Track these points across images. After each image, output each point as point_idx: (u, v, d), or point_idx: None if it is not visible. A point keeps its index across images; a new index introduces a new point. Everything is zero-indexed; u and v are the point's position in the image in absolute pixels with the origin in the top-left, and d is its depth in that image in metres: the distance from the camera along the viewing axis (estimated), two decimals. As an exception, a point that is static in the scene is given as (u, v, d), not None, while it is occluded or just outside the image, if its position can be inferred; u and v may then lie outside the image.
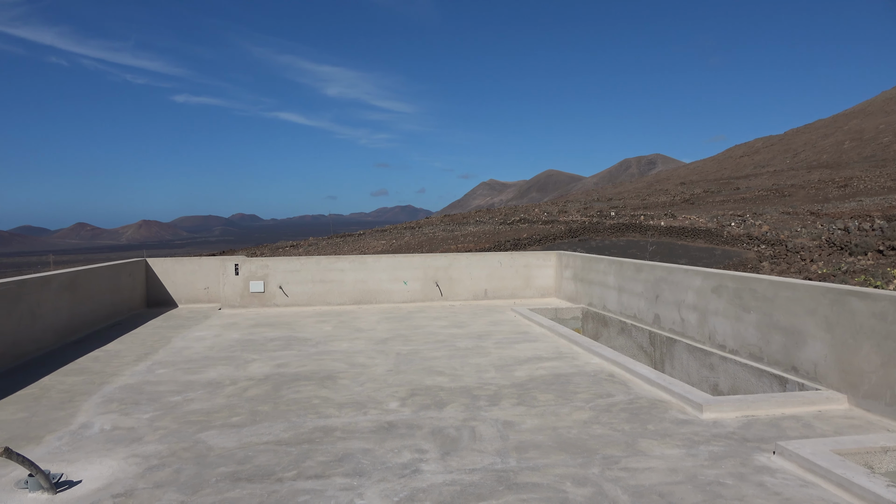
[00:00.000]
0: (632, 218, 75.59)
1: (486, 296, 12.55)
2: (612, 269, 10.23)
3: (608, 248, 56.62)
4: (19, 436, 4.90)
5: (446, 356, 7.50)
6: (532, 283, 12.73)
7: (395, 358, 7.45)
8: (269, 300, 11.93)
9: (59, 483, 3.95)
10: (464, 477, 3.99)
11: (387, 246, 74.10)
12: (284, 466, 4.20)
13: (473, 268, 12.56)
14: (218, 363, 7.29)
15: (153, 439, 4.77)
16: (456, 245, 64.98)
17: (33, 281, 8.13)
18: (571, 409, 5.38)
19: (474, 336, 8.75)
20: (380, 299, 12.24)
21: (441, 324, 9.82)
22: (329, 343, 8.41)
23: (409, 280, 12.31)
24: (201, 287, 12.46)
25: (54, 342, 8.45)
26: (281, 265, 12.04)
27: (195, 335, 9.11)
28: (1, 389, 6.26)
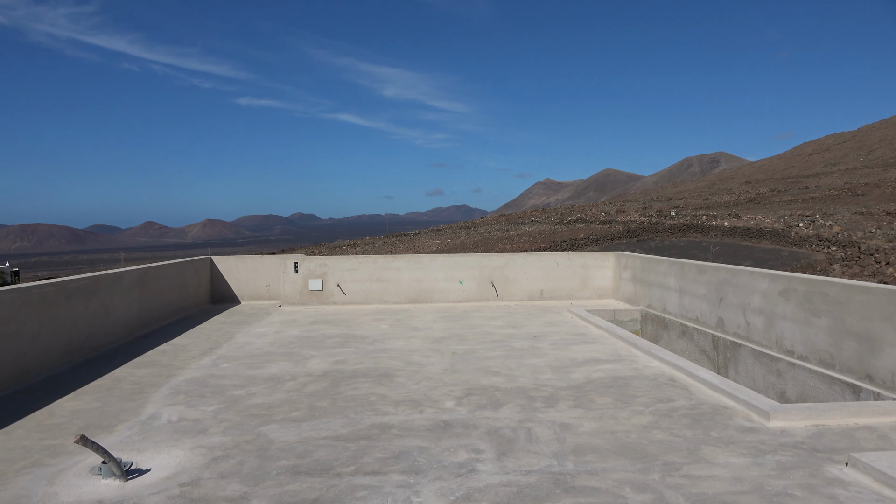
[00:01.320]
0: (693, 218, 73.53)
1: (543, 296, 12.43)
2: (672, 271, 9.97)
3: (668, 248, 55.26)
4: (93, 424, 5.14)
5: (502, 356, 7.47)
6: (589, 283, 12.54)
7: (450, 357, 7.47)
8: (328, 298, 12.15)
9: (130, 471, 4.12)
10: (520, 478, 3.96)
11: (442, 245, 74.40)
12: (343, 462, 4.27)
13: (529, 268, 12.47)
14: (278, 359, 7.46)
15: (217, 431, 4.92)
16: (511, 245, 64.67)
17: (106, 277, 8.52)
18: (630, 413, 5.27)
19: (530, 337, 8.68)
20: (435, 298, 12.29)
21: (497, 324, 9.78)
22: (385, 341, 8.50)
23: (464, 279, 12.32)
24: (263, 284, 12.79)
25: (125, 336, 8.83)
26: (339, 264, 12.24)
27: (257, 331, 9.37)
28: (77, 380, 6.59)
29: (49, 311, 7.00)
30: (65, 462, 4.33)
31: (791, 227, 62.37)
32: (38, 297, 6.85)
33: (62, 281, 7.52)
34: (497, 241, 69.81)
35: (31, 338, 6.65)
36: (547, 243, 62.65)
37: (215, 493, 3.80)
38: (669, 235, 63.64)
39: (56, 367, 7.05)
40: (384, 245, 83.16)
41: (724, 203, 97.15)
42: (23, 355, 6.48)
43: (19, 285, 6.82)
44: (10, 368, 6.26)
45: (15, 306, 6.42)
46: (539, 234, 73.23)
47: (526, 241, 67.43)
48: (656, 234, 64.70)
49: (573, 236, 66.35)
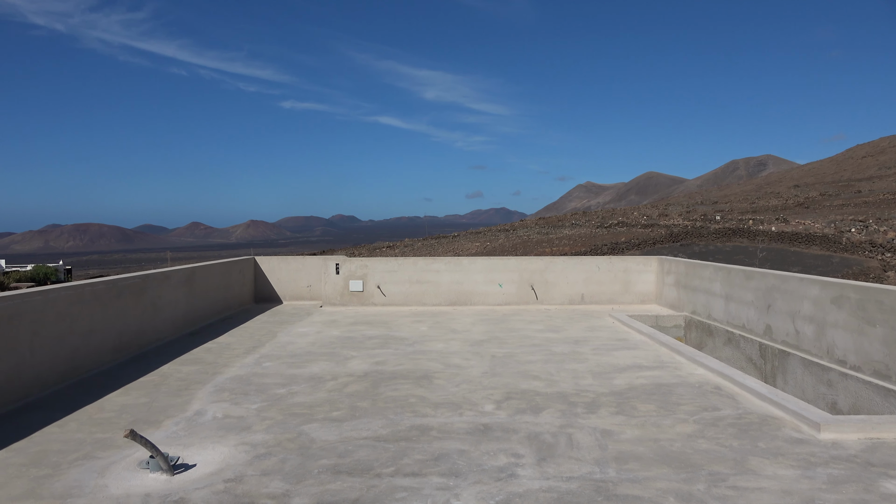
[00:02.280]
0: (739, 222, 71.79)
1: (583, 300, 12.29)
2: (718, 276, 9.75)
3: (713, 253, 54.06)
4: (141, 419, 5.28)
5: (542, 361, 7.41)
6: (631, 288, 12.35)
7: (490, 360, 7.44)
8: (368, 299, 12.24)
9: (176, 466, 4.22)
10: (561, 485, 3.92)
11: (481, 248, 74.30)
12: (383, 462, 4.29)
13: (570, 271, 12.35)
14: (320, 358, 7.55)
15: (260, 429, 5.00)
16: (551, 248, 64.20)
17: (155, 276, 8.76)
18: (674, 422, 5.16)
19: (571, 341, 8.59)
20: (475, 301, 12.27)
21: (536, 328, 9.71)
22: (425, 343, 8.52)
23: (504, 283, 12.27)
24: (304, 285, 12.98)
25: (172, 333, 9.06)
26: (379, 265, 12.33)
27: (298, 331, 9.50)
28: (126, 375, 6.78)
29: (101, 308, 7.23)
30: (114, 455, 4.46)
31: (842, 233, 60.31)
32: (91, 294, 7.08)
33: (113, 279, 7.76)
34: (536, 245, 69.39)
35: (84, 334, 6.87)
36: (587, 247, 61.98)
37: (258, 489, 3.86)
38: (714, 240, 62.25)
39: (107, 362, 7.28)
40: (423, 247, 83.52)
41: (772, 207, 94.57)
42: (76, 350, 6.71)
43: (73, 283, 7.06)
44: (64, 363, 6.49)
45: (69, 303, 6.65)
46: (579, 237, 72.51)
47: (566, 244, 66.84)
48: (700, 238, 63.38)
49: (614, 240, 65.48)
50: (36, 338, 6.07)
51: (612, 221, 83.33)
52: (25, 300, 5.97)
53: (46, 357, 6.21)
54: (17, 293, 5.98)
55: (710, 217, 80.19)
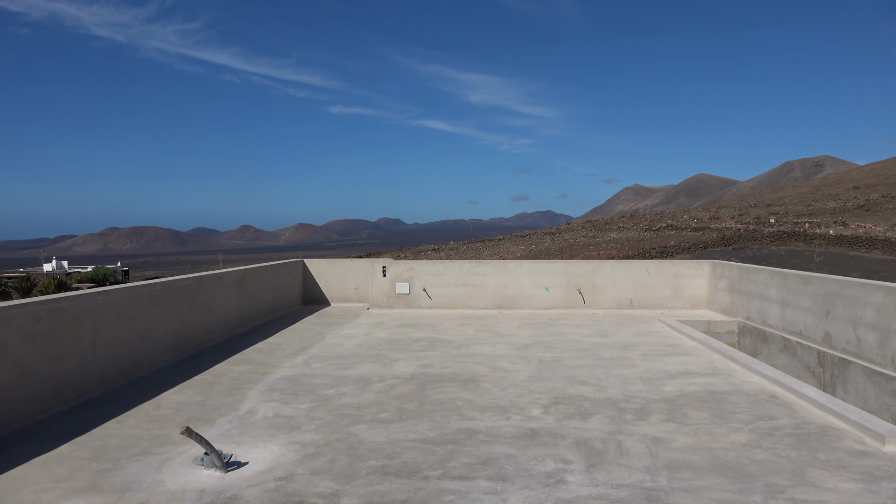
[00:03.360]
0: (795, 225, 69.45)
1: (632, 305, 12.08)
2: (774, 281, 9.44)
3: (767, 257, 52.44)
4: (196, 417, 5.43)
5: (590, 365, 7.31)
6: (682, 293, 12.08)
7: (536, 364, 7.38)
8: (414, 302, 12.31)
9: (230, 463, 4.32)
10: (611, 492, 3.85)
11: (526, 251, 73.87)
12: (430, 465, 4.30)
13: (618, 275, 12.15)
14: (367, 360, 7.63)
15: (310, 429, 5.08)
16: (597, 252, 63.37)
17: (208, 278, 9.00)
18: (728, 430, 5.02)
19: (619, 346, 8.45)
20: (521, 304, 12.20)
21: (584, 332, 9.59)
22: (471, 346, 8.51)
23: (550, 286, 12.16)
24: (351, 287, 13.13)
25: (224, 333, 9.29)
26: (425, 268, 12.38)
27: (346, 332, 9.61)
28: (182, 374, 6.98)
29: (157, 308, 7.47)
30: (170, 451, 4.59)
31: (906, 236, 57.71)
32: (149, 295, 7.32)
33: (169, 281, 8.01)
34: (583, 248, 68.60)
35: (142, 333, 7.11)
36: (635, 250, 60.94)
37: (308, 488, 3.92)
38: (768, 244, 60.40)
39: (163, 361, 7.51)
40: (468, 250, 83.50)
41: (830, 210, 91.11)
42: (135, 349, 6.94)
43: (132, 284, 7.32)
44: (124, 361, 6.73)
45: (128, 303, 6.89)
46: (627, 240, 71.36)
47: (613, 247, 65.87)
48: (754, 242, 61.58)
49: (663, 244, 64.20)
50: (98, 336, 6.31)
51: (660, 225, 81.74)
52: (88, 300, 6.22)
53: (107, 355, 6.45)
54: (81, 293, 6.23)
55: (764, 220, 77.82)
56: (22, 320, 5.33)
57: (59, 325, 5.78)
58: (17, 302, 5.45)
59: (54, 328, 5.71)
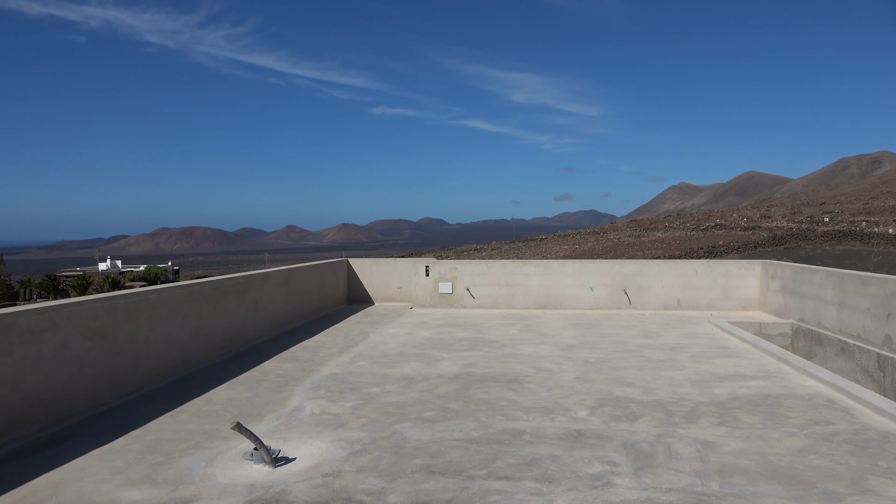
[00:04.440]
0: (851, 224, 66.95)
1: (679, 306, 11.83)
2: (830, 282, 9.12)
3: (821, 257, 50.71)
4: (245, 413, 5.54)
5: (636, 367, 7.18)
6: (732, 294, 11.77)
7: (582, 365, 7.29)
8: (457, 301, 12.31)
9: (278, 458, 4.39)
10: (660, 496, 3.78)
11: (569, 251, 73.14)
12: (475, 465, 4.29)
13: (665, 276, 11.92)
14: (410, 359, 7.66)
15: (356, 426, 5.13)
16: (643, 251, 62.31)
17: (256, 277, 9.19)
18: (782, 435, 4.86)
19: (667, 348, 8.28)
20: (565, 305, 12.08)
21: (630, 333, 9.43)
22: (515, 346, 8.46)
23: (595, 286, 12.01)
24: (395, 287, 13.22)
25: (271, 331, 9.46)
26: (468, 268, 12.37)
27: (390, 332, 9.68)
28: (231, 370, 7.14)
29: (208, 306, 7.65)
30: (221, 446, 4.70)
31: (972, 236, 55.04)
32: (199, 293, 7.51)
33: (219, 279, 8.20)
34: (627, 248, 67.55)
35: (193, 330, 7.30)
36: (682, 250, 59.71)
37: (354, 485, 3.96)
38: (822, 243, 58.40)
39: (213, 357, 7.69)
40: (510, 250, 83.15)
41: (889, 208, 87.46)
42: (186, 346, 7.13)
43: (183, 282, 7.52)
44: (176, 357, 6.92)
45: (180, 301, 7.08)
46: (673, 240, 69.97)
47: (659, 247, 64.66)
48: (807, 241, 59.62)
49: (711, 243, 62.72)
50: (151, 333, 6.50)
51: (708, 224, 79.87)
52: (142, 298, 6.41)
53: (160, 351, 6.64)
54: (136, 291, 6.43)
55: (818, 219, 75.25)
56: (81, 317, 5.54)
57: (116, 321, 5.98)
58: (76, 299, 5.66)
59: (111, 325, 5.91)
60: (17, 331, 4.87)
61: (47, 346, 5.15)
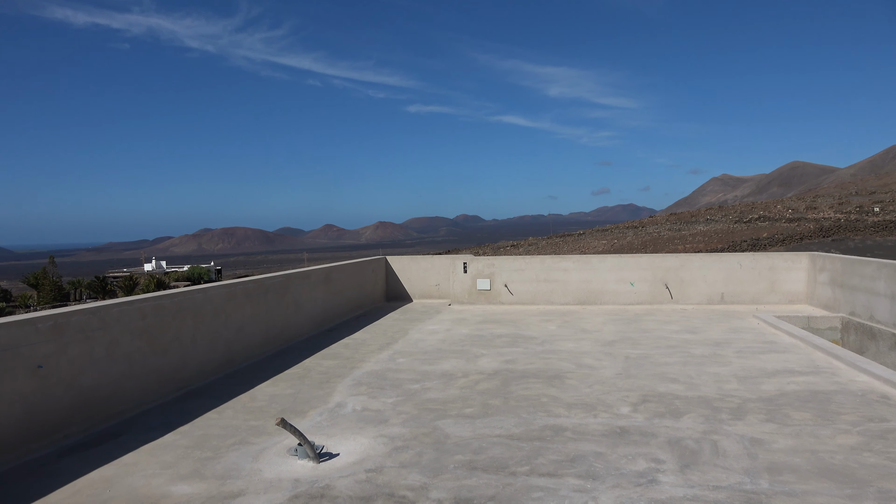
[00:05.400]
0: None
1: (723, 300, 11.58)
2: (882, 274, 8.80)
3: (871, 249, 49.01)
4: (288, 409, 5.63)
5: (679, 363, 7.06)
6: (778, 287, 11.46)
7: (623, 361, 7.20)
8: (495, 298, 12.28)
9: (322, 454, 4.45)
10: (707, 494, 3.70)
11: (608, 246, 72.29)
12: (517, 461, 4.27)
13: (708, 269, 11.67)
14: (450, 356, 7.67)
15: (397, 422, 5.16)
16: (683, 245, 61.18)
17: (297, 275, 9.32)
18: (834, 432, 4.72)
19: (711, 343, 8.12)
20: (604, 300, 11.94)
21: (672, 328, 9.27)
22: (554, 342, 8.40)
23: (635, 281, 11.84)
24: (433, 284, 13.26)
25: (312, 329, 9.59)
26: (506, 264, 12.33)
27: (429, 328, 9.71)
28: (274, 368, 7.26)
29: (251, 305, 7.79)
30: (266, 442, 4.78)
31: None
32: (242, 292, 7.65)
33: (261, 278, 8.34)
34: (667, 242, 66.41)
35: (237, 328, 7.44)
36: (724, 243, 58.44)
37: (397, 481, 3.98)
38: (873, 234, 56.45)
39: (256, 355, 7.83)
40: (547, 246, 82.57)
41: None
42: (230, 344, 7.28)
43: (227, 282, 7.67)
44: (221, 355, 7.07)
45: (224, 300, 7.22)
46: (715, 233, 68.52)
47: (700, 241, 63.41)
48: (856, 232, 57.70)
49: (755, 236, 61.23)
50: (197, 332, 6.65)
51: (751, 216, 77.98)
52: (188, 297, 6.57)
53: (206, 349, 6.79)
54: (182, 290, 6.59)
55: (868, 209, 72.75)
56: (130, 317, 5.70)
57: (163, 320, 6.13)
58: (125, 299, 5.83)
59: (158, 324, 6.07)
60: (71, 330, 5.04)
61: (99, 345, 5.32)
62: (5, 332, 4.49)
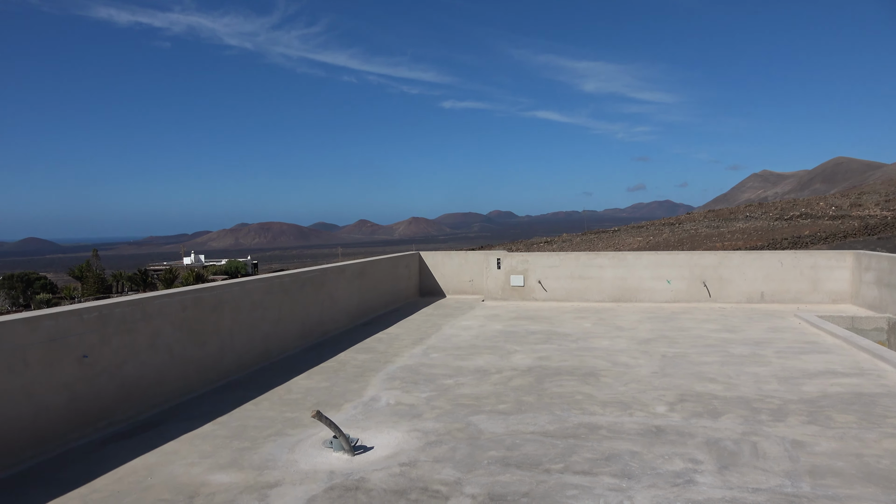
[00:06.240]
0: (953, 212, 62.28)
1: (763, 299, 11.33)
2: (931, 273, 8.49)
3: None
4: (324, 402, 5.69)
5: (718, 362, 6.93)
6: (820, 286, 11.16)
7: (659, 360, 7.10)
8: (528, 294, 12.23)
9: (356, 447, 4.49)
10: (746, 496, 3.63)
11: (643, 243, 71.29)
12: (551, 458, 4.25)
13: (748, 267, 11.43)
14: (483, 352, 7.67)
15: (430, 417, 5.18)
16: (722, 243, 60.01)
17: (332, 270, 9.41)
18: (880, 436, 4.58)
19: (750, 343, 7.95)
20: (640, 298, 11.78)
21: (710, 327, 9.10)
22: (589, 340, 8.33)
23: (672, 279, 11.65)
24: (466, 279, 13.26)
25: (347, 323, 9.68)
26: (540, 260, 12.26)
27: (462, 324, 9.72)
28: (310, 361, 7.36)
29: (287, 299, 7.90)
30: (301, 434, 4.85)
31: None
32: (279, 286, 7.76)
33: (297, 273, 8.44)
34: (705, 239, 65.20)
35: (274, 321, 7.55)
36: (764, 241, 57.13)
37: (431, 475, 4.00)
38: (921, 233, 54.55)
39: (292, 348, 7.94)
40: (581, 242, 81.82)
41: None
42: (267, 337, 7.39)
43: (264, 275, 7.79)
44: (258, 347, 7.19)
45: (261, 293, 7.34)
46: (754, 230, 67.03)
47: (739, 238, 62.10)
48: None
49: (796, 233, 59.72)
50: (235, 324, 6.77)
51: (793, 213, 76.04)
52: (227, 290, 6.69)
53: (243, 342, 6.91)
54: (220, 284, 6.71)
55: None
56: (171, 308, 5.83)
57: (202, 313, 6.26)
58: (166, 292, 5.96)
59: (198, 316, 6.19)
60: (115, 321, 5.18)
61: (141, 336, 5.46)
62: (54, 323, 4.64)
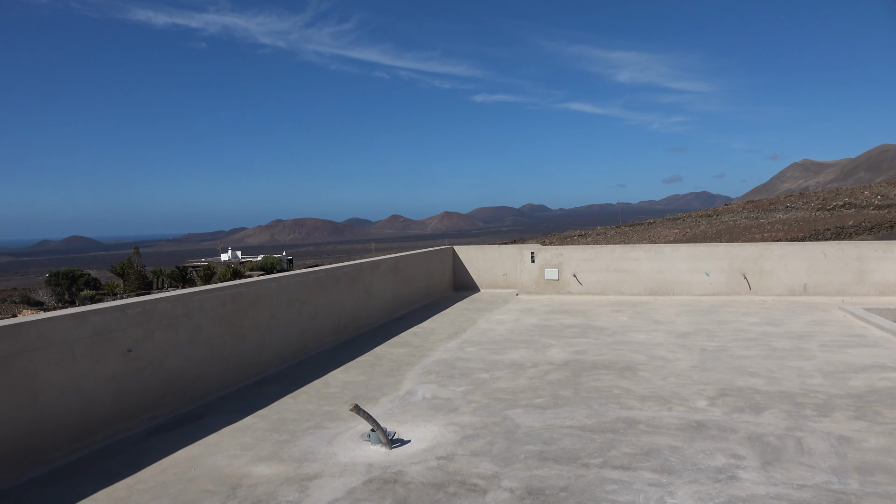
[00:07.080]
0: None
1: (805, 291, 11.04)
2: None
3: (970, 237, 45.54)
4: (361, 395, 5.74)
5: (759, 356, 6.78)
6: (867, 278, 10.83)
7: (699, 354, 6.98)
8: (563, 288, 12.13)
9: (393, 440, 4.52)
10: (791, 492, 3.55)
11: (679, 235, 70.14)
12: (589, 453, 4.22)
13: (789, 259, 11.14)
14: (519, 346, 7.64)
15: (467, 411, 5.18)
16: (761, 234, 58.67)
17: (367, 265, 9.48)
18: (932, 432, 4.43)
19: (793, 336, 7.76)
20: (678, 291, 11.60)
21: (751, 320, 8.91)
22: (625, 333, 8.23)
23: (711, 271, 11.44)
24: (500, 273, 13.22)
25: (382, 318, 9.74)
26: (575, 254, 12.15)
27: (496, 318, 9.70)
28: (346, 355, 7.43)
29: (322, 293, 7.99)
30: (339, 427, 4.90)
31: None
32: (315, 281, 7.85)
33: (332, 268, 8.53)
34: (744, 230, 63.84)
35: (310, 316, 7.64)
36: (806, 232, 55.68)
37: (468, 469, 4.01)
38: (973, 222, 52.51)
39: (328, 342, 8.03)
40: (616, 235, 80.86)
41: None
42: (304, 331, 7.49)
43: (300, 271, 7.88)
44: (295, 342, 7.28)
45: (298, 289, 7.43)
46: (795, 221, 65.37)
47: (779, 229, 60.64)
48: (954, 220, 53.84)
49: (839, 224, 58.04)
50: (273, 319, 6.88)
51: (836, 203, 73.88)
52: (264, 286, 6.79)
53: (281, 336, 7.01)
54: (258, 280, 6.82)
55: (967, 194, 67.70)
56: (211, 304, 5.94)
57: (241, 308, 6.37)
58: (206, 287, 6.08)
59: (237, 311, 6.30)
60: (157, 316, 5.30)
61: (183, 331, 5.58)
62: (100, 318, 4.77)
